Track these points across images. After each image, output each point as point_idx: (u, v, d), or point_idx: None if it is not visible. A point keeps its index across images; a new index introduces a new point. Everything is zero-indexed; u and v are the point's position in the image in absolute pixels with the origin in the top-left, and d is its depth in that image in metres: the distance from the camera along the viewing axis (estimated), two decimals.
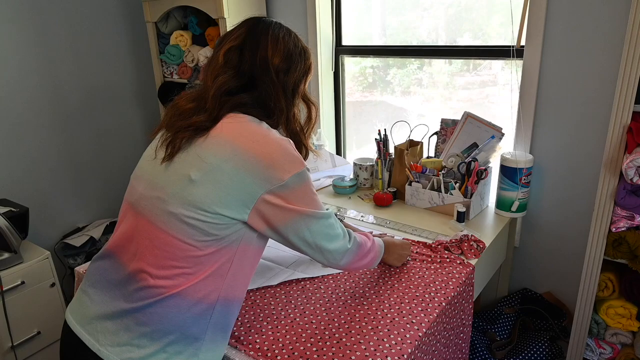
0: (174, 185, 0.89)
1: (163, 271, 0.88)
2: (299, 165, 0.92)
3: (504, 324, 1.78)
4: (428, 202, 1.74)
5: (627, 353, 1.50)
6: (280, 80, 0.98)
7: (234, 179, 0.87)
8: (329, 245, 1.00)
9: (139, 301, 0.88)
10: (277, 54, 0.97)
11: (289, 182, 0.90)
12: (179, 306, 0.89)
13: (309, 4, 2.12)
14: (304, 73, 1.04)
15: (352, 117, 2.39)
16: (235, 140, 0.89)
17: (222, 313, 0.94)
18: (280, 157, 0.90)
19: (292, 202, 0.91)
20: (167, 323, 0.88)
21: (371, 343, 1.05)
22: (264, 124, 0.95)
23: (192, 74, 2.36)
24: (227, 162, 0.87)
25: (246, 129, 0.92)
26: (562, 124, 1.66)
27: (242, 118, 0.93)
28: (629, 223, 1.35)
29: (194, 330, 0.91)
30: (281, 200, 0.90)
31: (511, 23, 1.64)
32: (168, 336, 0.88)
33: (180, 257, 0.88)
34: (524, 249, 1.87)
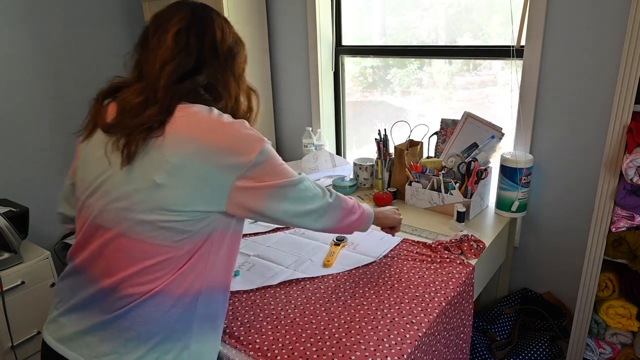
0: (140, 193, 0.86)
1: (142, 277, 0.86)
2: (260, 142, 0.90)
3: (504, 324, 1.78)
4: (428, 202, 1.74)
5: (627, 353, 1.50)
6: (230, 65, 0.97)
7: (202, 174, 0.85)
8: (311, 206, 0.99)
9: (119, 309, 0.86)
10: (225, 39, 0.96)
11: (256, 161, 0.88)
12: (161, 304, 0.87)
13: (309, 4, 2.12)
14: (245, 61, 1.03)
15: (352, 117, 2.39)
16: (193, 134, 0.86)
17: (206, 303, 0.93)
18: (241, 140, 0.88)
19: (264, 179, 0.90)
20: (151, 324, 0.87)
21: (371, 343, 1.05)
22: (214, 110, 0.92)
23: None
24: (190, 159, 0.85)
25: (200, 120, 0.88)
26: (562, 124, 1.66)
27: (192, 109, 0.90)
28: (629, 223, 1.35)
29: (179, 325, 0.90)
30: (253, 182, 0.89)
31: (511, 23, 1.64)
32: (154, 337, 0.87)
33: (160, 261, 0.86)
34: (524, 249, 1.87)
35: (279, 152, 2.53)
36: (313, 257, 1.42)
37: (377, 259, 1.40)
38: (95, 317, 0.88)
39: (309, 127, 2.26)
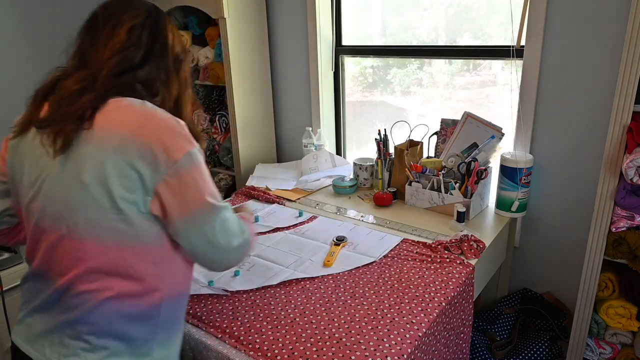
0: (73, 193, 0.84)
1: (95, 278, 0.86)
2: (190, 144, 0.87)
3: (504, 324, 1.78)
4: (428, 202, 1.74)
5: (627, 353, 1.50)
6: (176, 67, 0.98)
7: (128, 170, 0.83)
8: (233, 241, 0.93)
9: (76, 310, 0.86)
10: (177, 42, 0.99)
11: (182, 163, 0.85)
12: (118, 309, 0.87)
13: (309, 4, 2.12)
14: (190, 73, 1.05)
15: (352, 117, 2.39)
16: (121, 128, 0.84)
17: (169, 311, 0.93)
18: (169, 138, 0.85)
19: (189, 188, 0.86)
20: (108, 328, 0.87)
21: (371, 343, 1.05)
22: (147, 103, 0.89)
23: (192, 74, 2.35)
24: (116, 154, 0.82)
25: (131, 113, 0.87)
26: (562, 124, 1.66)
27: (124, 102, 0.88)
28: (629, 223, 1.35)
29: (140, 332, 0.89)
30: (177, 185, 0.85)
31: (511, 23, 1.64)
32: (113, 341, 0.87)
33: (110, 261, 0.86)
34: (524, 249, 1.87)
35: (279, 152, 2.53)
36: (313, 257, 1.42)
37: (377, 259, 1.40)
38: (56, 318, 0.89)
39: (309, 127, 2.26)
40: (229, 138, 2.30)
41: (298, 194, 1.95)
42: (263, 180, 2.08)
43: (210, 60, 2.25)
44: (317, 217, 1.71)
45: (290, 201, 1.87)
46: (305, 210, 1.76)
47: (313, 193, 1.96)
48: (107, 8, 0.95)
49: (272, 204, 1.84)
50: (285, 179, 2.11)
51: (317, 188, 2.00)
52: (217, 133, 2.38)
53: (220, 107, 2.36)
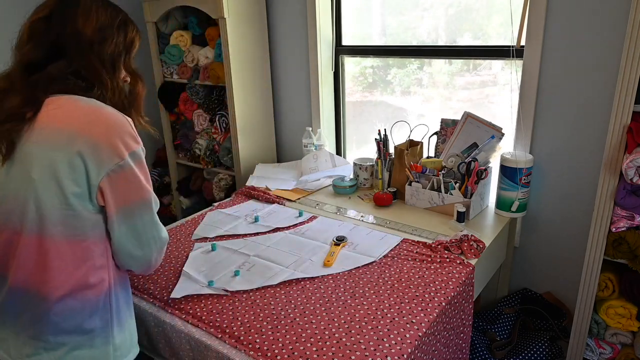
0: (22, 190, 0.86)
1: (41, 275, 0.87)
2: (135, 144, 0.90)
3: (504, 324, 1.78)
4: (428, 202, 1.74)
5: (627, 353, 1.50)
6: (96, 52, 0.93)
7: (75, 165, 0.85)
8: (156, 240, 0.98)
9: (33, 310, 0.89)
10: (88, 25, 0.92)
11: (127, 160, 0.88)
12: (71, 305, 0.89)
13: (309, 4, 2.12)
14: (126, 46, 0.99)
15: (352, 117, 2.39)
16: (67, 126, 0.86)
17: (119, 296, 0.97)
18: (115, 136, 0.87)
19: (130, 184, 0.90)
20: (66, 324, 0.89)
21: (371, 343, 1.05)
22: (91, 100, 0.91)
23: (192, 74, 2.36)
24: (62, 151, 0.84)
25: (75, 110, 0.88)
26: (562, 124, 1.66)
27: (67, 100, 0.89)
28: (629, 223, 1.35)
29: (96, 323, 0.93)
30: (119, 181, 0.88)
31: (511, 23, 1.64)
32: (72, 335, 0.90)
33: (54, 257, 0.87)
34: (524, 249, 1.87)
35: (279, 152, 2.53)
36: (313, 257, 1.42)
37: (377, 259, 1.40)
38: (15, 319, 0.91)
39: (309, 127, 2.26)
40: (229, 138, 2.30)
41: (298, 194, 1.95)
42: (263, 180, 2.08)
43: (210, 60, 2.25)
44: (317, 217, 1.71)
45: (290, 201, 1.87)
46: (305, 210, 1.76)
47: (313, 193, 1.96)
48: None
49: (272, 204, 1.84)
50: (285, 179, 2.11)
51: (317, 188, 2.00)
52: (217, 133, 2.38)
53: (220, 107, 2.36)
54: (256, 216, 1.70)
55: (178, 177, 2.72)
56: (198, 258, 1.43)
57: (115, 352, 0.96)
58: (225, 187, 2.40)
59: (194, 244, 1.53)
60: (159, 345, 1.23)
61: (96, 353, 0.93)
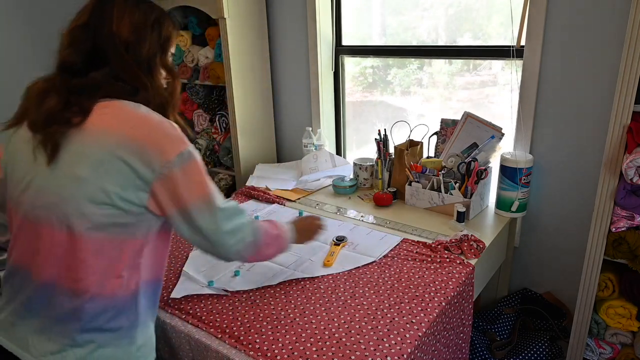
0: (67, 188, 0.86)
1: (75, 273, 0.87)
2: (182, 144, 0.90)
3: (504, 324, 1.78)
4: (428, 202, 1.74)
5: (627, 353, 1.50)
6: (132, 53, 0.92)
7: (123, 168, 0.85)
8: (228, 240, 0.97)
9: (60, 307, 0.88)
10: (123, 27, 0.91)
11: (177, 161, 0.87)
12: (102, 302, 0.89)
13: (309, 4, 2.12)
14: (161, 44, 0.97)
15: (352, 117, 2.39)
16: (116, 129, 0.86)
17: (147, 298, 0.96)
18: (164, 138, 0.88)
19: (185, 187, 0.89)
20: (94, 322, 0.89)
21: (371, 343, 1.05)
22: (141, 107, 0.91)
23: (192, 74, 2.36)
24: (112, 153, 0.85)
25: (124, 115, 0.89)
26: (562, 124, 1.66)
27: (115, 104, 0.90)
28: (629, 223, 1.35)
29: (123, 322, 0.92)
30: (172, 183, 0.88)
31: (511, 23, 1.64)
32: (99, 333, 0.90)
33: (96, 255, 0.87)
34: (524, 249, 1.87)
35: (279, 152, 2.53)
36: (313, 257, 1.42)
37: (377, 259, 1.40)
38: (40, 316, 0.90)
39: (309, 127, 2.26)
40: (229, 138, 2.30)
41: (298, 194, 1.95)
42: (263, 180, 2.08)
43: (210, 60, 2.25)
44: None
45: (290, 201, 1.87)
46: (305, 210, 1.76)
47: (313, 193, 1.96)
48: None
49: (272, 204, 1.84)
50: (285, 179, 2.11)
51: (317, 188, 2.00)
52: (217, 133, 2.38)
53: (220, 107, 2.36)
54: (256, 216, 1.70)
55: None
56: (198, 258, 1.43)
57: (138, 352, 0.95)
58: (225, 187, 2.40)
59: None
60: (158, 345, 1.23)
61: (120, 352, 0.93)
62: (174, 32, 1.00)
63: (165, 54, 0.99)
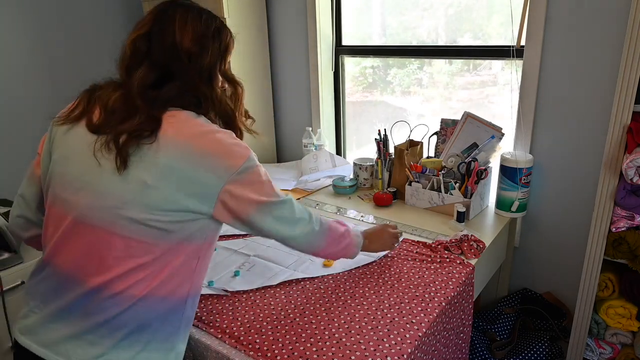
0: (131, 193, 0.86)
1: (132, 277, 0.86)
2: (247, 150, 0.92)
3: (504, 324, 1.78)
4: (428, 202, 1.74)
5: (627, 353, 1.50)
6: (194, 65, 0.93)
7: (191, 176, 0.86)
8: (295, 230, 1.02)
9: (108, 311, 0.86)
10: (185, 37, 0.92)
11: (244, 167, 0.90)
12: (151, 306, 0.88)
13: (309, 4, 2.12)
14: (221, 53, 0.99)
15: (352, 117, 2.39)
16: (183, 138, 0.88)
17: (191, 305, 0.97)
18: (228, 147, 0.90)
19: (251, 190, 0.92)
20: (141, 325, 0.88)
21: (371, 343, 1.05)
22: (202, 118, 0.93)
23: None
24: (179, 161, 0.86)
25: (190, 125, 0.90)
26: (562, 124, 1.66)
27: (181, 114, 0.91)
28: (629, 223, 1.35)
29: (168, 327, 0.92)
30: (241, 189, 0.90)
31: (511, 23, 1.64)
32: (145, 337, 0.89)
33: (149, 260, 0.87)
34: (524, 249, 1.87)
35: (279, 152, 2.53)
36: (313, 257, 1.42)
37: (377, 259, 1.40)
38: (84, 320, 0.87)
39: (309, 127, 2.26)
40: None
41: (298, 194, 1.95)
42: None
43: None
44: None
45: None
46: None
47: (313, 193, 1.96)
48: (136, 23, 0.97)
49: None
50: (285, 179, 2.11)
51: (317, 188, 2.00)
52: None
53: None
54: None
55: None
56: None
57: (176, 358, 0.95)
58: None
59: None
60: None
61: (161, 358, 0.92)
62: (232, 41, 1.02)
63: (225, 63, 1.01)
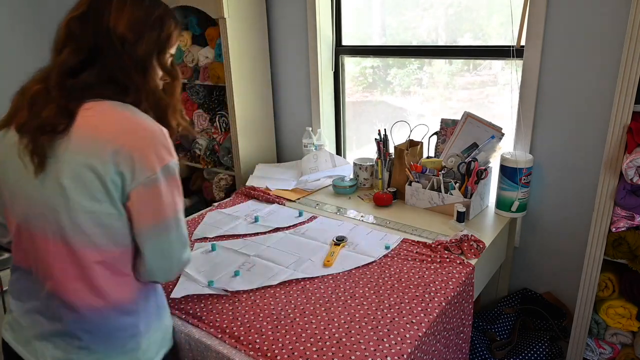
0: (52, 197, 0.83)
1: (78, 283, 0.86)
2: (168, 156, 0.86)
3: (504, 324, 1.78)
4: (428, 202, 1.74)
5: (627, 353, 1.50)
6: (128, 51, 0.86)
7: (109, 175, 0.82)
8: (183, 254, 0.93)
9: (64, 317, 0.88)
10: (121, 22, 0.86)
11: (158, 175, 0.84)
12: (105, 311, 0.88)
13: (309, 3, 2.12)
14: (161, 43, 0.92)
15: (352, 117, 2.39)
16: (101, 134, 0.82)
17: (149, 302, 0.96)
18: (149, 147, 0.84)
19: (158, 199, 0.85)
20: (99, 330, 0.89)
21: (371, 343, 1.05)
22: (128, 108, 0.87)
23: (192, 74, 2.36)
24: (94, 160, 0.81)
25: (110, 118, 0.84)
26: (562, 124, 1.66)
27: (102, 106, 0.85)
28: (629, 223, 1.35)
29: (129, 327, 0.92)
30: (149, 195, 0.84)
31: (511, 23, 1.64)
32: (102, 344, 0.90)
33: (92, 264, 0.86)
34: (524, 249, 1.87)
35: (279, 152, 2.53)
36: (313, 257, 1.42)
37: (377, 259, 1.40)
38: (47, 323, 0.90)
39: (309, 127, 2.26)
40: (229, 138, 2.30)
41: (298, 194, 1.95)
42: (263, 180, 2.08)
43: (210, 60, 2.25)
44: (317, 217, 1.71)
45: (290, 201, 1.87)
46: (305, 210, 1.76)
47: (313, 193, 1.96)
48: None
49: (272, 204, 1.84)
50: (285, 179, 2.11)
51: (317, 188, 2.00)
52: (217, 133, 2.38)
53: (220, 107, 2.36)
54: (256, 216, 1.70)
55: None
56: (198, 258, 1.43)
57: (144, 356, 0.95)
58: (225, 187, 2.40)
59: (194, 244, 1.53)
60: None
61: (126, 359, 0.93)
62: (175, 32, 0.95)
63: (164, 54, 0.94)
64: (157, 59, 0.92)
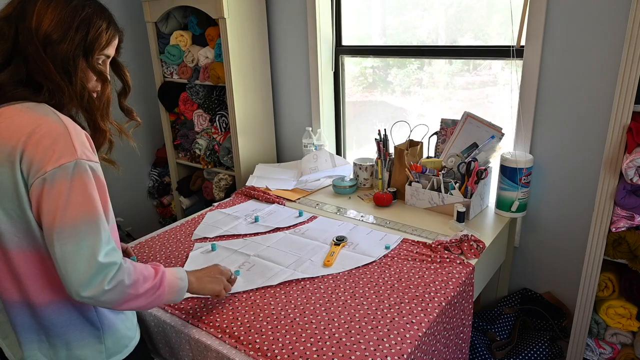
0: None
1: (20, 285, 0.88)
2: (68, 157, 0.80)
3: (504, 324, 1.78)
4: (428, 202, 1.74)
5: (627, 353, 1.50)
6: (49, 53, 0.84)
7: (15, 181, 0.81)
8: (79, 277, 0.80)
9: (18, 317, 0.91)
10: (45, 21, 0.83)
11: (51, 173, 0.79)
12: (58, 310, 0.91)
13: (309, 4, 2.12)
14: (88, 44, 0.88)
15: (352, 117, 2.39)
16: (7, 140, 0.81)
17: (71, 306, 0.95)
18: (47, 146, 0.79)
19: (52, 201, 0.79)
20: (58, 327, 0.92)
21: (371, 343, 1.05)
22: (39, 109, 0.84)
23: (192, 74, 2.36)
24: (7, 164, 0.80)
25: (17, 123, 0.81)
26: (562, 124, 1.66)
27: (11, 111, 0.83)
28: (629, 223, 1.35)
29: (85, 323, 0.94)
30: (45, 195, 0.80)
31: (511, 23, 1.64)
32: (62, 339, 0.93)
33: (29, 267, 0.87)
34: (524, 249, 1.87)
35: (279, 152, 2.53)
36: (313, 257, 1.42)
37: (377, 259, 1.40)
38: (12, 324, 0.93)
39: (309, 127, 2.26)
40: (229, 138, 2.30)
41: (298, 194, 1.95)
42: (263, 180, 2.08)
43: (210, 60, 2.25)
44: (317, 217, 1.71)
45: (290, 201, 1.87)
46: (305, 210, 1.76)
47: (313, 193, 1.96)
48: None
49: (272, 204, 1.84)
50: (285, 179, 2.11)
51: (317, 188, 2.00)
52: (217, 133, 2.38)
53: (220, 107, 2.36)
54: (256, 216, 1.70)
55: (178, 177, 2.72)
56: (198, 258, 1.43)
57: (108, 350, 0.97)
58: (225, 187, 2.40)
59: (194, 244, 1.53)
60: (159, 345, 1.23)
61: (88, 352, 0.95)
62: (104, 35, 0.90)
63: (91, 57, 0.90)
64: (86, 61, 0.89)
